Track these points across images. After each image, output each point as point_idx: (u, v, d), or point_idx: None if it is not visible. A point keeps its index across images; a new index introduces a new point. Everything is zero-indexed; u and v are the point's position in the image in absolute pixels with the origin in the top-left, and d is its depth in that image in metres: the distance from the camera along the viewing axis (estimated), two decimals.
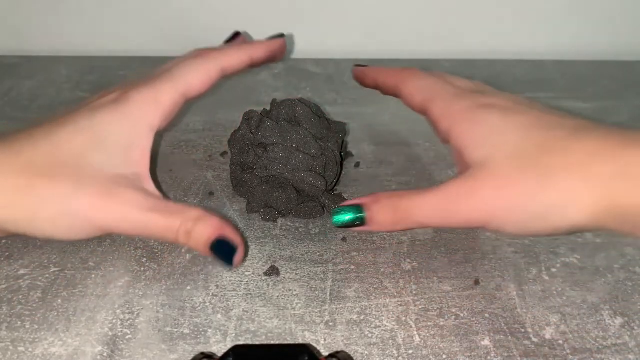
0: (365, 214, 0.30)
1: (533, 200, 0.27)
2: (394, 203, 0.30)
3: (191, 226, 0.29)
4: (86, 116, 0.31)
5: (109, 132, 0.30)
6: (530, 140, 0.29)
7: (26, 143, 0.30)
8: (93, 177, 0.29)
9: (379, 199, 0.30)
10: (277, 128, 0.36)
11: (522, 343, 0.28)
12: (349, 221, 0.31)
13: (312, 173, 0.35)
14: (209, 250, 0.29)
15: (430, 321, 0.29)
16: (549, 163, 0.28)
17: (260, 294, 0.31)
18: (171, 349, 0.28)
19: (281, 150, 0.35)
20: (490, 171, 0.28)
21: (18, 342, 0.28)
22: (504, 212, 0.28)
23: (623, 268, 0.33)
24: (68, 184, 0.29)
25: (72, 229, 0.29)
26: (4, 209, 0.28)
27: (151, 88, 0.32)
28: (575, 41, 0.62)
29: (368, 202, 0.31)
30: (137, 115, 0.31)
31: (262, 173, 0.35)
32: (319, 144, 0.36)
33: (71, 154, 0.29)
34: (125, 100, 0.31)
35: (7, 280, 0.31)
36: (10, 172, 0.29)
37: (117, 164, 0.30)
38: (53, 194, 0.28)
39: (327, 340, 0.28)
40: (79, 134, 0.30)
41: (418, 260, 0.33)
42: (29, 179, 0.29)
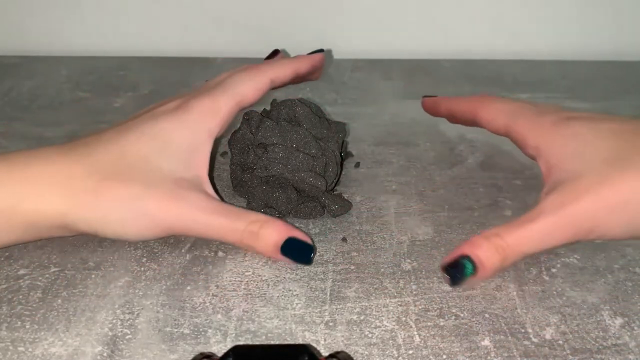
0: (476, 263, 0.29)
1: (633, 196, 0.28)
2: (497, 243, 0.29)
3: (258, 228, 0.31)
4: (150, 123, 0.33)
5: (172, 138, 0.32)
6: (623, 143, 0.29)
7: (95, 146, 0.32)
8: (160, 179, 0.31)
9: (480, 243, 0.29)
10: (277, 128, 0.36)
11: (522, 343, 0.28)
12: (464, 276, 0.30)
13: (312, 173, 0.35)
14: (279, 251, 0.31)
15: (430, 321, 0.29)
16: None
17: (260, 294, 0.31)
18: (171, 349, 0.28)
19: (281, 150, 0.35)
20: (589, 178, 0.29)
21: (18, 342, 0.28)
22: (610, 214, 0.28)
23: (623, 268, 0.33)
24: (137, 186, 0.31)
25: (140, 229, 0.31)
26: (77, 211, 0.30)
27: (209, 97, 0.34)
28: (575, 41, 0.62)
29: (471, 250, 0.29)
30: (198, 122, 0.33)
31: (262, 173, 0.35)
32: (319, 144, 0.36)
33: (138, 158, 0.31)
34: (186, 108, 0.33)
35: (7, 280, 0.31)
36: (81, 174, 0.30)
37: (180, 168, 0.32)
38: (123, 195, 0.30)
39: (327, 340, 0.28)
40: (145, 139, 0.32)
41: (418, 260, 0.33)
42: (100, 181, 0.30)
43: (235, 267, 0.33)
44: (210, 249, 0.34)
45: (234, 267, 0.33)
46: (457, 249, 0.30)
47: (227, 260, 0.33)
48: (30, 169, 0.30)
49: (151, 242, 0.34)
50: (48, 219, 0.30)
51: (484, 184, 0.40)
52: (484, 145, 0.45)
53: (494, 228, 0.30)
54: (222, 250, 0.34)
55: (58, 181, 0.30)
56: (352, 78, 0.56)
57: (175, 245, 0.34)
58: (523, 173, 0.42)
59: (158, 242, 0.34)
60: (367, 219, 0.37)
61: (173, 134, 0.32)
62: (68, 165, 0.31)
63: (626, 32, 0.62)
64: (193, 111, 0.33)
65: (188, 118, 0.33)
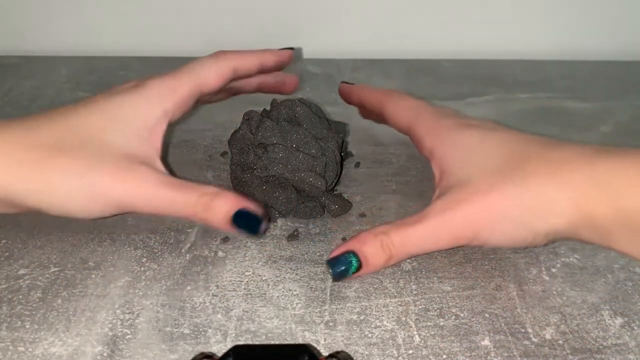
0: (360, 259, 0.30)
1: (515, 205, 0.28)
2: (383, 241, 0.30)
3: (209, 200, 0.30)
4: (105, 98, 0.32)
5: (126, 113, 0.32)
6: (511, 153, 0.30)
7: (44, 120, 0.31)
8: (109, 154, 0.30)
9: (367, 240, 0.30)
10: (277, 128, 0.36)
11: (522, 343, 0.28)
12: (347, 271, 0.30)
13: (312, 173, 0.35)
14: (230, 222, 0.30)
15: (430, 321, 0.29)
16: (529, 170, 0.29)
17: (260, 294, 0.31)
18: (171, 349, 0.28)
19: (281, 150, 0.35)
20: (474, 186, 0.29)
21: (18, 342, 0.28)
22: (490, 223, 0.29)
23: (623, 268, 0.33)
24: (86, 160, 0.30)
25: (89, 204, 0.30)
26: (21, 182, 0.29)
27: (168, 78, 0.34)
28: (575, 41, 0.62)
29: (358, 246, 0.30)
30: (154, 99, 0.33)
31: (262, 173, 0.35)
32: (319, 144, 0.36)
33: (88, 132, 0.31)
34: (144, 85, 0.33)
35: (7, 280, 0.31)
36: (27, 147, 0.30)
37: (132, 143, 0.31)
38: (71, 168, 0.29)
39: (327, 340, 0.28)
40: (97, 114, 0.31)
41: (418, 260, 0.33)
42: (47, 154, 0.29)
43: (235, 267, 0.33)
44: (210, 249, 0.34)
45: (234, 267, 0.33)
46: (345, 244, 0.31)
47: (227, 260, 0.33)
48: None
49: (151, 242, 0.34)
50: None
51: None
52: None
53: (382, 225, 0.31)
54: (222, 250, 0.34)
55: (1, 154, 0.29)
56: (352, 78, 0.56)
57: (175, 245, 0.34)
58: None
59: (158, 242, 0.34)
60: (367, 219, 0.37)
61: (127, 110, 0.32)
62: (13, 137, 0.30)
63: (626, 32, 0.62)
64: (149, 89, 0.33)
65: (144, 94, 0.33)
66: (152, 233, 0.35)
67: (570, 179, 0.27)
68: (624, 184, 0.26)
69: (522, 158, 0.29)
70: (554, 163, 0.28)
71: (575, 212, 0.27)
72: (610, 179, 0.27)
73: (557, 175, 0.28)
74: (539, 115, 0.50)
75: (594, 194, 0.27)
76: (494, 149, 0.30)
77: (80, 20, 0.61)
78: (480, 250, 0.34)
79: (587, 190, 0.27)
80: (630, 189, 0.26)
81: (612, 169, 0.27)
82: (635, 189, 0.26)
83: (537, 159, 0.29)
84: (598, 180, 0.27)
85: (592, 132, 0.48)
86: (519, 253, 0.34)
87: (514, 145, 0.30)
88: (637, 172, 0.26)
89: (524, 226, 0.29)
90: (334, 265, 0.30)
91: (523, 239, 0.29)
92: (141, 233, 0.35)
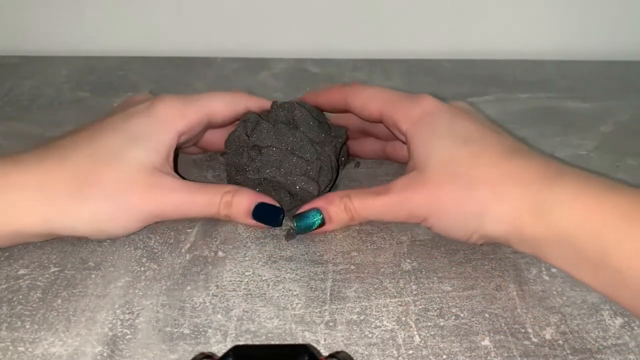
0: (324, 216, 0.34)
1: (457, 207, 0.31)
2: (347, 204, 0.33)
3: (230, 197, 0.34)
4: (123, 119, 0.35)
5: (143, 132, 0.34)
6: (465, 151, 0.31)
7: (71, 149, 0.33)
8: (137, 171, 0.32)
9: (333, 200, 0.34)
10: (272, 130, 0.36)
11: (522, 343, 0.28)
12: (313, 224, 0.34)
13: (304, 177, 0.35)
14: (250, 216, 0.34)
15: (430, 321, 0.29)
16: (475, 175, 0.30)
17: (260, 294, 0.31)
18: (171, 349, 0.28)
19: (275, 153, 0.35)
20: (428, 176, 0.32)
21: (18, 342, 0.28)
22: (437, 213, 0.32)
23: None
24: (117, 183, 0.32)
25: (127, 223, 0.33)
26: (62, 216, 0.31)
27: (179, 101, 0.36)
28: (575, 41, 0.62)
29: (324, 204, 0.34)
30: (166, 120, 0.35)
31: (254, 175, 0.35)
32: (314, 148, 0.36)
33: (112, 152, 0.32)
34: (156, 108, 0.35)
35: (7, 280, 0.31)
36: (61, 181, 0.31)
37: (153, 158, 0.33)
38: (105, 195, 0.31)
39: (327, 340, 0.28)
40: (118, 135, 0.33)
41: (418, 260, 0.33)
42: (80, 185, 0.31)
43: (235, 267, 0.33)
44: (210, 249, 0.34)
45: (234, 267, 0.33)
46: (313, 202, 0.34)
47: (227, 260, 0.33)
48: (9, 178, 0.31)
49: (151, 242, 0.34)
50: (33, 228, 0.31)
51: None
52: None
53: (350, 189, 0.34)
54: (222, 250, 0.34)
55: (39, 190, 0.31)
56: (352, 78, 0.56)
57: (175, 245, 0.34)
58: None
59: (158, 242, 0.34)
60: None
61: (143, 128, 0.34)
62: (46, 172, 0.31)
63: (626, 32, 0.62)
64: (161, 110, 0.35)
65: (156, 116, 0.35)
66: (152, 233, 0.35)
67: (509, 194, 0.29)
68: (558, 203, 0.28)
69: (473, 159, 0.31)
70: (499, 174, 0.30)
71: (509, 225, 0.29)
72: (547, 198, 0.28)
73: (498, 188, 0.30)
74: (539, 115, 0.50)
75: (528, 211, 0.29)
76: (452, 140, 0.32)
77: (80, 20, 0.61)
78: (480, 250, 0.34)
79: (522, 207, 0.29)
80: (562, 210, 0.28)
81: (551, 186, 0.28)
82: (567, 210, 0.27)
83: (486, 165, 0.31)
84: (535, 200, 0.28)
85: (592, 132, 0.48)
86: (519, 253, 0.34)
87: (471, 143, 0.32)
88: (573, 193, 0.28)
89: (461, 225, 0.31)
90: (300, 219, 0.34)
91: (461, 235, 0.32)
92: (141, 233, 0.35)
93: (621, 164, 0.43)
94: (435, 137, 0.33)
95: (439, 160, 0.32)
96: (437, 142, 0.32)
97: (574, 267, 0.28)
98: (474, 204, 0.30)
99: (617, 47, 0.62)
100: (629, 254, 0.25)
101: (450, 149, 0.32)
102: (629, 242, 0.25)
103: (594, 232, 0.26)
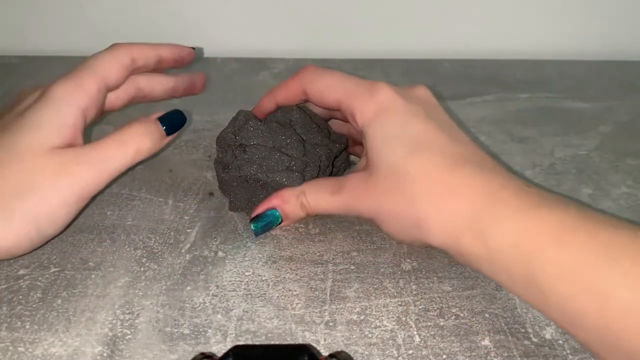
0: (281, 214, 0.34)
1: (400, 215, 0.31)
2: (302, 202, 0.34)
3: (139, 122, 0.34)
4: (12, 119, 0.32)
5: (37, 122, 0.32)
6: (413, 161, 0.31)
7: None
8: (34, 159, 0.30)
9: (289, 199, 0.34)
10: (259, 129, 0.36)
11: (522, 343, 0.28)
12: (270, 226, 0.35)
13: (284, 173, 0.35)
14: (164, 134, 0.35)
15: (430, 321, 0.29)
16: (419, 188, 0.30)
17: (260, 294, 0.31)
18: (171, 349, 0.28)
19: (259, 151, 0.35)
20: (376, 180, 0.32)
21: (18, 342, 0.28)
22: (383, 217, 0.32)
23: None
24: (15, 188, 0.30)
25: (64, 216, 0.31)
26: None
27: (70, 78, 0.34)
28: (574, 41, 0.62)
29: (280, 203, 0.34)
30: (64, 100, 0.33)
31: (236, 173, 0.35)
32: (303, 146, 0.36)
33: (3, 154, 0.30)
34: (48, 94, 0.33)
35: (7, 280, 0.31)
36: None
37: (51, 141, 0.31)
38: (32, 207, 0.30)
39: (327, 340, 0.28)
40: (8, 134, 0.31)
41: (418, 260, 0.33)
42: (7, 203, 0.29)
43: (235, 267, 0.33)
44: (210, 249, 0.34)
45: (234, 267, 0.33)
46: (267, 201, 0.34)
47: (227, 260, 0.33)
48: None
49: (151, 242, 0.34)
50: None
51: None
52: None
53: (303, 185, 0.34)
54: (222, 250, 0.34)
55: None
56: None
57: (175, 245, 0.34)
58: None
59: (158, 242, 0.34)
60: (367, 219, 0.37)
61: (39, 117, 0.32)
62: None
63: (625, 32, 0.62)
64: (55, 93, 0.33)
65: (50, 100, 0.32)
66: (152, 233, 0.35)
67: (449, 210, 0.29)
68: (494, 224, 0.28)
69: (420, 173, 0.30)
70: (444, 189, 0.30)
71: (447, 239, 0.29)
72: (484, 217, 0.28)
73: (439, 202, 0.30)
74: (539, 115, 0.50)
75: (466, 229, 0.28)
76: (404, 144, 0.31)
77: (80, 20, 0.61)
78: None
79: (461, 224, 0.29)
80: (496, 232, 0.27)
81: (492, 204, 0.28)
82: (500, 233, 0.27)
83: (433, 179, 0.30)
84: (473, 218, 0.28)
85: (591, 132, 0.48)
86: None
87: (422, 150, 0.31)
88: (510, 213, 0.27)
89: (404, 231, 0.31)
90: (258, 221, 0.34)
91: (405, 240, 0.32)
92: (141, 233, 0.35)
93: (620, 164, 0.43)
94: (387, 139, 0.32)
95: (388, 166, 0.31)
96: (388, 145, 0.32)
97: (508, 286, 0.28)
98: (417, 216, 0.30)
99: (617, 47, 0.62)
100: (553, 278, 0.25)
101: (398, 156, 0.31)
102: (554, 265, 0.25)
103: (523, 254, 0.26)
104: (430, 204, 0.30)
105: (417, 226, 0.30)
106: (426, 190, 0.30)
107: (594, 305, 0.24)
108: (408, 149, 0.31)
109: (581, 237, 0.25)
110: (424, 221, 0.30)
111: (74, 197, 0.31)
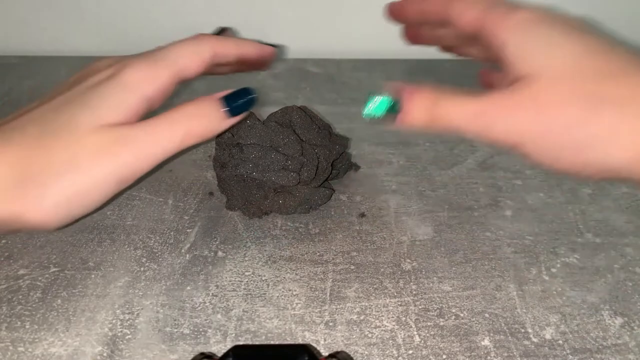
0: (403, 104, 0.28)
1: (573, 128, 0.25)
2: (435, 98, 0.28)
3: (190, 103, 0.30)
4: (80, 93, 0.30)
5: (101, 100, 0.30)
6: (587, 62, 0.26)
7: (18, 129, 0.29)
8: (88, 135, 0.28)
9: (419, 90, 0.28)
10: (257, 128, 0.36)
11: (522, 343, 0.28)
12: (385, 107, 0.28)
13: (279, 172, 0.35)
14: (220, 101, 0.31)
15: (430, 321, 0.29)
16: (600, 91, 0.25)
17: (260, 294, 0.31)
18: (171, 349, 0.28)
19: (255, 150, 0.35)
20: (535, 90, 0.26)
21: (18, 342, 0.28)
22: (539, 137, 0.26)
23: (623, 268, 0.33)
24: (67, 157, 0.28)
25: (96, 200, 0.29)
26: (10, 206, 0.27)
27: (146, 65, 0.32)
28: None
29: (407, 92, 0.28)
30: (133, 87, 0.31)
31: (232, 172, 0.36)
32: (301, 146, 0.36)
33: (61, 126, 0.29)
34: (119, 77, 0.31)
35: (7, 280, 0.31)
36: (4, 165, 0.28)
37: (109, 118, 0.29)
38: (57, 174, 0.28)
39: (327, 340, 0.28)
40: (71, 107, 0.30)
41: (418, 260, 0.33)
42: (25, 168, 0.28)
43: (235, 267, 0.33)
44: (210, 249, 0.34)
45: (234, 267, 0.33)
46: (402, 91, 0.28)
47: (227, 260, 0.33)
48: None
49: (151, 242, 0.34)
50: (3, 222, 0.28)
51: (484, 184, 0.40)
52: (484, 145, 0.45)
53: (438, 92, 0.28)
54: (222, 250, 0.34)
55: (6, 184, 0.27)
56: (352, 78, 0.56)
57: (175, 245, 0.34)
58: (523, 173, 0.42)
59: (158, 242, 0.34)
60: (367, 219, 0.37)
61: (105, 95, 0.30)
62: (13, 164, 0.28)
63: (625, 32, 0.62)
64: (128, 76, 0.31)
65: (122, 81, 0.31)
66: (152, 233, 0.35)
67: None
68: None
69: (597, 72, 0.26)
70: (632, 88, 0.25)
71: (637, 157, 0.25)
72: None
73: (631, 104, 0.25)
74: None
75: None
76: (570, 50, 0.27)
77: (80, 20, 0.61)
78: (480, 250, 0.34)
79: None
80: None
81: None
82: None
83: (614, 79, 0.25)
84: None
85: None
86: (518, 253, 0.34)
87: (594, 53, 0.27)
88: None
89: (577, 151, 0.26)
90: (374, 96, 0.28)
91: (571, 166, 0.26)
92: (141, 233, 0.35)
93: None
94: (547, 45, 0.27)
95: (555, 71, 0.26)
96: (550, 50, 0.27)
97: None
98: (600, 126, 0.25)
99: None
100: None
101: (567, 59, 0.26)
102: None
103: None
104: (618, 110, 0.25)
105: (590, 145, 0.25)
106: (612, 94, 0.25)
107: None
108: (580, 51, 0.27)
109: None
110: (610, 132, 0.25)
111: (112, 180, 0.29)
